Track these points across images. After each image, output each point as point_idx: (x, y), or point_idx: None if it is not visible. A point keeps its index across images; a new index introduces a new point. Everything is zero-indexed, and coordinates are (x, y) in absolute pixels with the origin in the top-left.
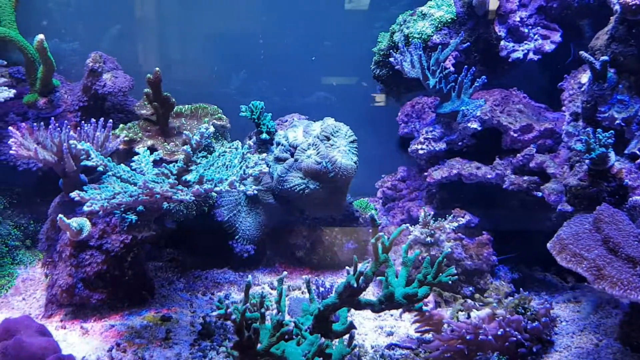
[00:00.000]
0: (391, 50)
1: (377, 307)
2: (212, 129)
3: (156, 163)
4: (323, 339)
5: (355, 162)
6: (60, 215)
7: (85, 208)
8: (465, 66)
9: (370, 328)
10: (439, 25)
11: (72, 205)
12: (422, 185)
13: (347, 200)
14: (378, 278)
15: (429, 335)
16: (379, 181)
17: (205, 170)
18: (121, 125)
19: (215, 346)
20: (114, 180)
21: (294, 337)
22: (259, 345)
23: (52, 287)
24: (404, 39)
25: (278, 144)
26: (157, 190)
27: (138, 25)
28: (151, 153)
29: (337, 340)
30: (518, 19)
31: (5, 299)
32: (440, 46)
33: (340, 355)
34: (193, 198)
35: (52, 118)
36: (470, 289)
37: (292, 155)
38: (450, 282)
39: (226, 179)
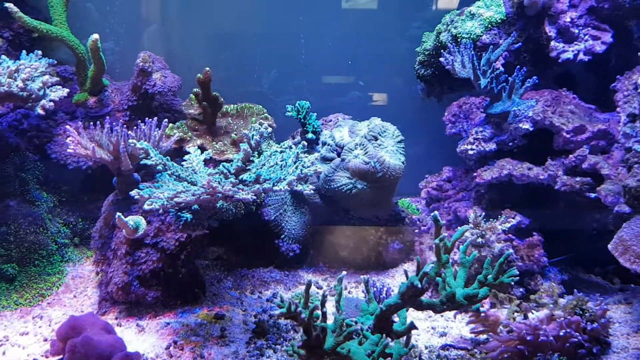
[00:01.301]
0: (442, 50)
1: (439, 307)
2: (270, 129)
3: (206, 162)
4: (389, 339)
5: (402, 162)
6: (118, 214)
7: (145, 206)
8: (518, 66)
9: (423, 329)
10: (489, 26)
11: (126, 204)
12: (470, 186)
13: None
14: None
15: (483, 336)
16: (423, 181)
17: (259, 169)
18: (170, 125)
19: (271, 344)
20: (168, 179)
21: (354, 336)
22: (325, 344)
23: (107, 285)
24: (451, 39)
25: (324, 143)
26: (220, 190)
27: (174, 24)
28: (201, 152)
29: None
30: (568, 19)
31: (56, 296)
32: (491, 46)
33: (398, 355)
34: (254, 197)
35: (107, 117)
36: (521, 290)
37: (338, 155)
38: (512, 282)
39: (284, 179)
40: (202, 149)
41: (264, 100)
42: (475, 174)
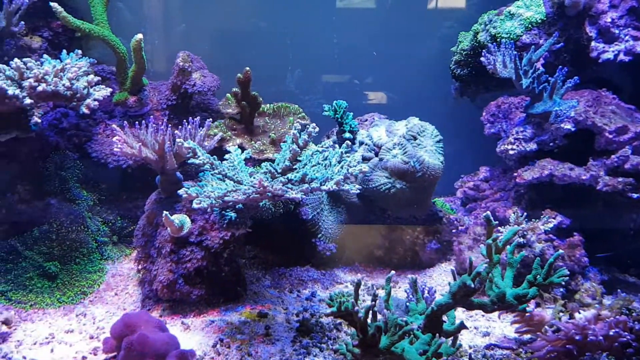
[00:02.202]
0: (481, 50)
1: (490, 307)
2: (317, 128)
3: (245, 161)
4: (442, 339)
5: (442, 162)
6: (165, 212)
7: (194, 205)
8: (560, 66)
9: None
10: (529, 26)
11: (169, 202)
12: (508, 186)
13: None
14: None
15: (527, 336)
16: (458, 181)
17: (304, 168)
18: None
19: (316, 343)
20: (211, 178)
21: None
22: (380, 343)
23: (151, 283)
24: (490, 39)
25: (361, 143)
26: (271, 189)
27: (204, 24)
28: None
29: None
30: (609, 19)
31: (98, 294)
32: (533, 46)
33: (446, 354)
34: (304, 196)
35: (149, 117)
36: (562, 290)
37: (376, 154)
38: (563, 282)
39: (332, 178)
40: (241, 148)
41: (292, 100)
42: (515, 174)
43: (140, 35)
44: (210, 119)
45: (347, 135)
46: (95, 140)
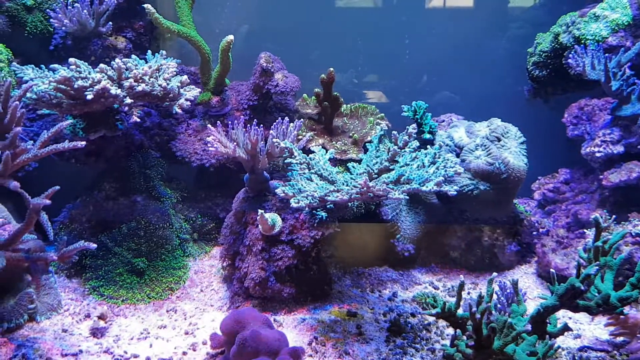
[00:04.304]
0: (570, 52)
1: (594, 310)
2: (414, 131)
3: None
4: (554, 340)
5: (525, 164)
6: (261, 211)
7: (293, 204)
8: None
9: None
10: (615, 28)
11: (257, 201)
12: (590, 188)
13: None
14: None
15: (621, 339)
16: (535, 183)
17: (399, 169)
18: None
19: (411, 343)
20: (299, 178)
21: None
22: (494, 344)
23: (241, 280)
24: (573, 41)
25: (440, 144)
26: (374, 190)
27: (268, 24)
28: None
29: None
30: None
31: (184, 291)
32: (622, 49)
33: (543, 355)
34: (407, 197)
35: (242, 117)
36: None
37: (457, 155)
38: None
39: (431, 179)
40: (323, 148)
41: (355, 100)
42: (601, 176)
43: (231, 37)
44: (302, 120)
45: (427, 136)
46: (179, 139)
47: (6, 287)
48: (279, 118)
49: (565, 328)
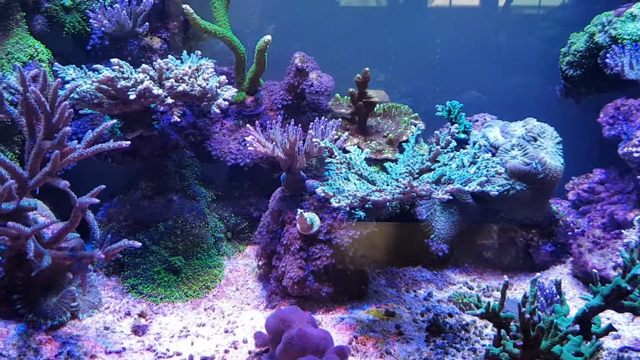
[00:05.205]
0: (608, 52)
1: None
2: (458, 131)
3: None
4: (601, 340)
5: (562, 164)
6: (300, 211)
7: (333, 204)
8: None
9: None
10: None
11: (293, 200)
12: (626, 189)
13: None
14: None
15: None
16: (570, 183)
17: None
18: None
19: (451, 343)
20: (337, 177)
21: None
22: (541, 344)
23: (278, 279)
24: (609, 41)
25: (474, 143)
26: (417, 190)
27: (295, 25)
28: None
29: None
30: None
31: (220, 289)
32: None
33: (590, 355)
34: (451, 197)
35: (279, 117)
36: None
37: (492, 155)
38: None
39: (473, 179)
40: (358, 147)
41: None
42: (639, 176)
43: (268, 37)
44: (339, 120)
45: (462, 136)
46: (214, 139)
47: (49, 285)
48: (317, 118)
49: (610, 328)
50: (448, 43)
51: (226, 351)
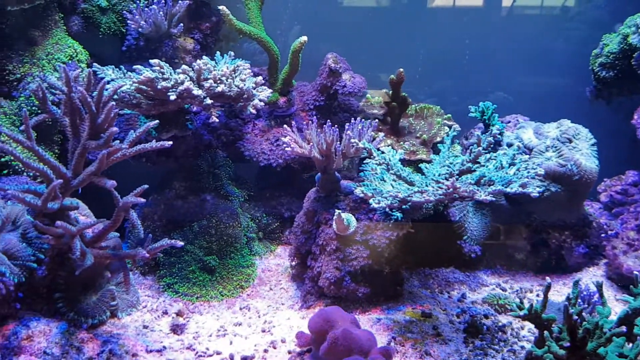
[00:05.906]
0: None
1: None
2: (496, 130)
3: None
4: None
5: (597, 166)
6: (338, 211)
7: (373, 204)
8: None
9: None
10: None
11: (328, 201)
12: None
13: None
14: None
15: None
16: (602, 184)
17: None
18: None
19: (489, 345)
20: (373, 178)
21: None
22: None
23: (314, 279)
24: None
25: (508, 145)
26: (460, 191)
27: (319, 26)
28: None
29: None
30: None
31: (254, 289)
32: None
33: (635, 356)
34: (493, 198)
35: (314, 118)
36: None
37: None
38: None
39: (515, 181)
40: (392, 148)
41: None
42: None
43: (304, 38)
44: (376, 120)
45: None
46: (247, 139)
47: (89, 284)
48: (352, 119)
49: None
50: (476, 44)
51: (265, 350)
